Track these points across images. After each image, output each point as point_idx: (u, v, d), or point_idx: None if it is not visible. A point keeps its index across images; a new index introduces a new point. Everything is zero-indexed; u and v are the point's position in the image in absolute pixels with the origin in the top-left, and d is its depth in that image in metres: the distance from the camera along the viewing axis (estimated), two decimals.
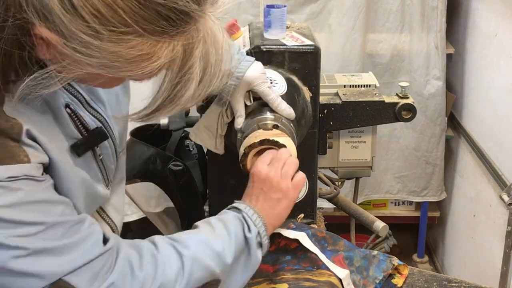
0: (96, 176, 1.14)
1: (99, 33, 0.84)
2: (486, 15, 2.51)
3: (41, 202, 0.96)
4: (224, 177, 1.54)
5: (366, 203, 3.09)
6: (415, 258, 3.17)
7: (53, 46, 0.87)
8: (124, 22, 0.84)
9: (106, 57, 0.87)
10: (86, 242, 1.00)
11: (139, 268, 1.04)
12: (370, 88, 1.64)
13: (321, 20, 2.73)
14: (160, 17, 0.85)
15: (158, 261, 1.05)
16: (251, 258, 1.18)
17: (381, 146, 2.87)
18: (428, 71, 2.77)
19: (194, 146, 1.72)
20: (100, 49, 0.85)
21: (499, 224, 2.31)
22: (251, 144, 1.28)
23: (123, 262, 1.03)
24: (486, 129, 2.50)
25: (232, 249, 1.13)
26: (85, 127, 1.09)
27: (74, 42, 0.85)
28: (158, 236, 1.11)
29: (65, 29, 0.84)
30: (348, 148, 1.64)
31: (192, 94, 0.95)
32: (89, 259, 0.99)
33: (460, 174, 2.86)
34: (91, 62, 0.87)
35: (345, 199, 1.78)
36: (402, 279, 1.42)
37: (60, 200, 1.00)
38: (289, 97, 1.41)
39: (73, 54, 0.86)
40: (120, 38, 0.85)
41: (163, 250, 1.08)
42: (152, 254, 1.06)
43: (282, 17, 1.49)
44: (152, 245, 1.08)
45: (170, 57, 0.90)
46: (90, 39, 0.84)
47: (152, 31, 0.86)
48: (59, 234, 0.97)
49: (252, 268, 1.19)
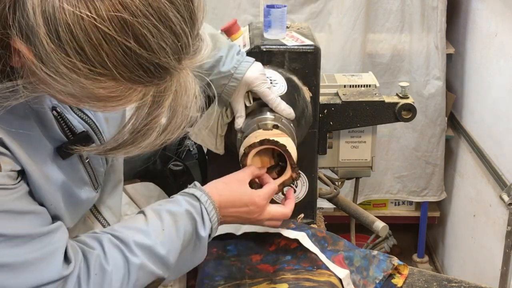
0: (82, 179, 1.14)
1: (77, 68, 0.84)
2: (486, 15, 2.51)
3: (6, 212, 0.96)
4: None
5: (366, 203, 3.09)
6: (415, 258, 3.17)
7: (27, 64, 0.87)
8: (105, 64, 0.84)
9: (77, 90, 0.87)
10: (46, 261, 1.00)
11: (86, 283, 1.04)
12: (370, 88, 1.64)
13: (321, 20, 2.73)
14: (140, 68, 0.85)
15: (105, 272, 1.06)
16: (199, 251, 1.19)
17: (381, 146, 2.87)
18: (428, 71, 2.77)
19: (194, 146, 1.72)
20: (74, 81, 0.85)
21: (499, 224, 2.31)
22: (251, 144, 1.28)
23: (74, 282, 1.03)
24: (486, 129, 2.50)
25: (177, 248, 1.14)
26: (71, 130, 1.09)
27: (50, 69, 0.85)
28: (105, 237, 1.10)
29: (45, 55, 0.83)
30: (348, 148, 1.64)
31: (153, 141, 0.95)
32: (45, 281, 0.99)
33: (460, 174, 2.86)
34: (60, 89, 0.88)
35: (345, 199, 1.78)
36: (402, 279, 1.42)
37: (30, 210, 1.00)
38: (289, 97, 1.41)
39: (45, 78, 0.86)
40: (95, 77, 0.85)
41: (110, 256, 1.08)
42: (100, 265, 1.07)
43: (282, 17, 1.49)
44: (101, 251, 1.08)
45: (138, 103, 0.91)
46: (67, 71, 0.84)
47: (128, 78, 0.86)
48: (19, 247, 0.97)
49: (199, 259, 1.21)
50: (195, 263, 1.22)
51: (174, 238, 1.14)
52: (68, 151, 1.07)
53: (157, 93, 0.90)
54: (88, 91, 0.87)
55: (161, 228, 1.13)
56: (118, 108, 0.91)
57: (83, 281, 1.04)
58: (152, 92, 0.90)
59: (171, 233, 1.13)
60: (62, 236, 1.04)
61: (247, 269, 1.40)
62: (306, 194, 1.56)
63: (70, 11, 0.80)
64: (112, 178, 1.29)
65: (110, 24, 0.81)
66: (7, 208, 0.96)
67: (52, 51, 0.83)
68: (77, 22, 0.81)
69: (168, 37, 0.85)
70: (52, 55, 0.83)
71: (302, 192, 1.56)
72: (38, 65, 0.85)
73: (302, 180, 1.55)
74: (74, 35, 0.81)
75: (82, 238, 1.11)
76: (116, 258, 1.08)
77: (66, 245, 1.04)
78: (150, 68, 0.86)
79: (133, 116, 0.93)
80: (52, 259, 1.01)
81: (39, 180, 1.01)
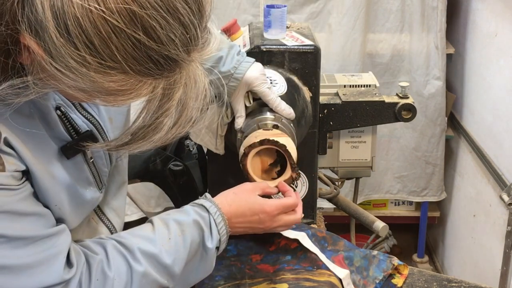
0: (87, 179, 1.13)
1: (87, 62, 0.84)
2: (486, 15, 2.51)
3: (9, 213, 0.96)
4: (224, 177, 1.54)
5: (366, 203, 3.09)
6: (415, 258, 3.17)
7: (37, 60, 0.87)
8: (114, 57, 0.84)
9: (87, 84, 0.87)
10: (47, 264, 1.00)
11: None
12: (370, 88, 1.64)
13: (321, 20, 2.73)
14: (149, 60, 0.85)
15: (107, 278, 1.06)
16: (206, 263, 1.18)
17: (381, 146, 2.87)
18: (428, 71, 2.77)
19: (194, 146, 1.72)
20: (84, 76, 0.85)
21: (499, 224, 2.31)
22: (251, 144, 1.28)
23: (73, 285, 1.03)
24: (486, 129, 2.50)
25: (183, 258, 1.13)
26: (76, 130, 1.09)
27: (60, 64, 0.85)
28: (109, 243, 1.10)
29: (54, 50, 0.83)
30: (348, 148, 1.64)
31: (164, 135, 0.95)
32: (46, 285, 0.99)
33: (460, 174, 2.86)
34: (70, 84, 0.87)
35: (345, 199, 1.78)
36: (402, 279, 1.42)
37: (34, 211, 1.00)
38: (289, 97, 1.41)
39: (55, 73, 0.86)
40: (105, 71, 0.85)
41: (113, 263, 1.07)
42: (102, 270, 1.06)
43: (282, 17, 1.49)
44: (104, 257, 1.08)
45: (148, 96, 0.90)
46: (77, 65, 0.84)
47: (138, 71, 0.86)
48: (21, 249, 0.97)
49: (206, 271, 1.20)
50: (201, 276, 1.20)
51: (180, 248, 1.13)
52: (77, 147, 1.06)
53: (166, 86, 0.90)
54: (98, 85, 0.87)
55: (168, 237, 1.13)
56: (128, 102, 0.91)
57: (84, 285, 1.04)
58: (162, 85, 0.90)
59: (178, 243, 1.13)
60: (65, 239, 1.04)
61: (247, 269, 1.40)
62: (306, 194, 1.56)
63: (78, 4, 0.81)
64: (117, 179, 1.29)
65: (119, 16, 0.81)
66: (10, 208, 0.96)
67: (62, 45, 0.82)
68: (86, 15, 0.81)
69: (177, 29, 0.85)
70: (61, 49, 0.83)
71: (302, 192, 1.56)
72: (48, 60, 0.85)
73: (302, 180, 1.55)
74: (83, 28, 0.81)
75: (86, 243, 1.11)
76: (119, 265, 1.08)
77: (69, 249, 1.04)
78: (159, 61, 0.86)
79: (143, 110, 0.92)
80: (53, 262, 1.00)
81: (44, 179, 1.01)
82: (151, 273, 1.09)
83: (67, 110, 1.08)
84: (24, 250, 0.97)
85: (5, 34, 0.86)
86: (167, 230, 1.13)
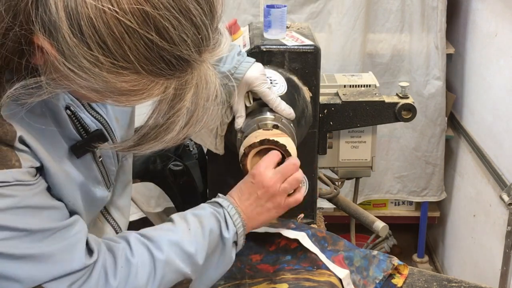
0: (96, 178, 1.14)
1: (100, 62, 0.84)
2: (486, 15, 2.51)
3: (28, 207, 0.97)
4: (224, 177, 1.54)
5: (366, 203, 3.09)
6: (415, 258, 3.17)
7: (50, 60, 0.88)
8: (127, 58, 0.84)
9: (100, 84, 0.87)
10: (68, 252, 1.01)
11: (113, 275, 1.06)
12: (370, 88, 1.64)
13: (321, 20, 2.73)
14: (162, 60, 0.86)
15: (131, 265, 1.07)
16: (225, 256, 1.19)
17: (381, 146, 2.87)
18: (428, 71, 2.77)
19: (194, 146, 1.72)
20: (96, 76, 0.86)
21: (499, 224, 2.31)
22: (251, 144, 1.28)
23: (99, 272, 1.05)
24: (486, 129, 2.50)
25: (204, 248, 1.14)
26: (85, 129, 1.09)
27: (73, 64, 0.85)
28: (132, 235, 1.12)
29: (67, 50, 0.84)
30: (348, 148, 1.64)
31: (176, 135, 0.95)
32: (70, 271, 1.01)
33: (460, 174, 2.86)
34: (83, 84, 0.88)
35: (345, 199, 1.78)
36: (402, 279, 1.42)
37: (50, 205, 1.01)
38: (289, 97, 1.41)
39: (68, 73, 0.87)
40: (118, 71, 0.86)
41: (136, 252, 1.09)
42: (126, 258, 1.08)
43: (282, 17, 1.49)
44: (127, 246, 1.09)
45: (160, 96, 0.91)
46: (90, 65, 0.85)
47: (150, 71, 0.87)
48: (43, 240, 0.98)
49: (225, 265, 1.20)
50: (221, 271, 1.20)
51: (200, 238, 1.14)
52: (88, 148, 1.08)
53: (178, 86, 0.91)
54: (110, 85, 0.87)
55: (187, 228, 1.14)
56: (140, 102, 0.92)
57: (110, 273, 1.05)
58: (174, 85, 0.90)
59: (197, 233, 1.14)
60: (81, 227, 1.06)
61: (247, 269, 1.40)
62: (306, 194, 1.56)
63: (92, 5, 0.81)
64: (122, 179, 1.29)
65: (132, 17, 0.82)
66: (28, 203, 0.97)
67: (75, 46, 0.83)
68: (99, 16, 0.81)
69: (189, 29, 0.86)
70: (74, 49, 0.83)
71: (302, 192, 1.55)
72: (61, 60, 0.85)
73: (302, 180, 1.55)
74: (96, 28, 0.82)
75: (108, 237, 1.13)
76: (142, 254, 1.09)
77: (87, 237, 1.06)
78: (171, 61, 0.87)
79: (155, 111, 0.93)
80: (74, 250, 1.02)
81: (58, 176, 1.02)
82: (174, 261, 1.10)
83: (76, 109, 1.09)
84: (45, 241, 0.99)
85: (19, 35, 0.87)
86: (186, 223, 1.15)
